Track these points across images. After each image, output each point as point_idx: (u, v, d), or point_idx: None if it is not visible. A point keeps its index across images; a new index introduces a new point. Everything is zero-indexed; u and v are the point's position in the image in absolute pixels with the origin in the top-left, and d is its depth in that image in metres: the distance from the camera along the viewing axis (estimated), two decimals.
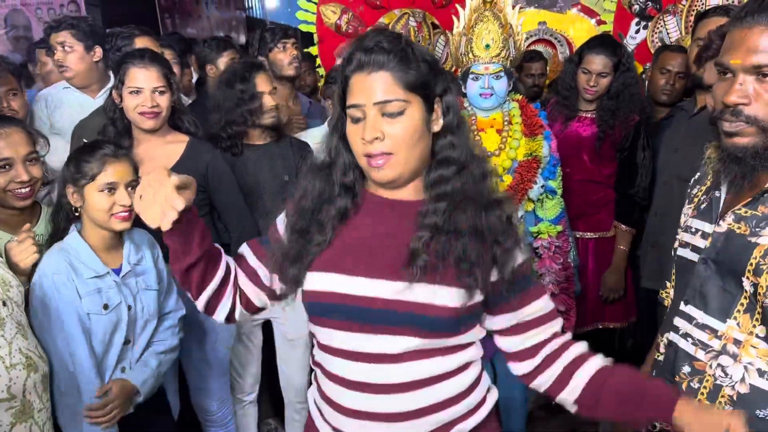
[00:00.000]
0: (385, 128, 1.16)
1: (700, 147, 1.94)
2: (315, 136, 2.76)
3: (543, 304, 1.29)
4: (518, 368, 1.32)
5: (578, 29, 4.06)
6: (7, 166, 1.80)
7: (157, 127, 2.23)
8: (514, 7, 2.38)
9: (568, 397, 1.27)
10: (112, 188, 1.81)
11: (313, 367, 1.36)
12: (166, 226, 1.17)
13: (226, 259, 1.34)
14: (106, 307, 1.80)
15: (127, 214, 1.82)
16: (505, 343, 1.32)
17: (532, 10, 4.17)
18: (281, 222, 1.33)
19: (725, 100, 1.20)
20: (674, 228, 2.05)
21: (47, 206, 2.04)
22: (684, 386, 1.33)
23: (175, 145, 2.29)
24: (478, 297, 1.20)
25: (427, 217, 1.19)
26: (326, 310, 1.23)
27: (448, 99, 1.24)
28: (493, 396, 1.34)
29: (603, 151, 2.84)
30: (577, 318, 2.92)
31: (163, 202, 1.15)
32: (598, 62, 2.78)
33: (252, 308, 1.39)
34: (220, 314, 1.36)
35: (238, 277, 1.36)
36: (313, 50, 4.42)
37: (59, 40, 2.75)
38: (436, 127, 1.23)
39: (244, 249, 1.38)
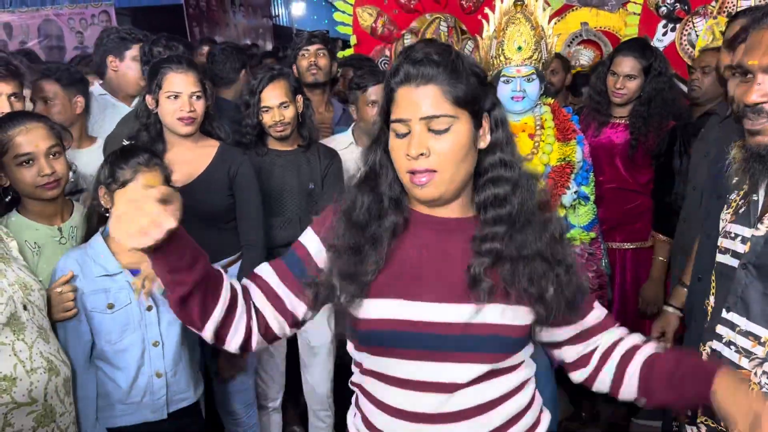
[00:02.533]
0: (432, 144, 1.12)
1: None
2: (340, 142, 2.75)
3: (600, 311, 1.27)
4: (579, 375, 1.31)
5: (630, 26, 3.94)
6: (30, 161, 1.82)
7: (192, 132, 2.24)
8: (545, 11, 2.34)
9: (629, 395, 1.25)
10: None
11: (354, 388, 1.31)
12: (145, 244, 0.99)
13: (229, 281, 1.19)
14: (111, 306, 1.81)
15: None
16: (566, 354, 1.29)
17: (584, 10, 4.09)
18: (313, 241, 1.24)
19: (746, 100, 1.23)
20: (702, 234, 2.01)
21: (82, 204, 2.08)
22: None
23: (206, 150, 2.30)
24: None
25: (486, 243, 1.14)
26: (392, 339, 1.16)
27: (497, 113, 1.19)
28: (547, 418, 1.31)
29: (637, 158, 2.77)
30: None
31: (146, 219, 0.97)
32: (625, 64, 2.73)
33: (270, 335, 1.24)
34: (233, 343, 1.20)
35: (255, 299, 1.22)
36: (348, 53, 4.41)
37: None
38: (483, 144, 1.18)
39: (265, 270, 1.25)
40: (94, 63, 3.05)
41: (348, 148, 2.69)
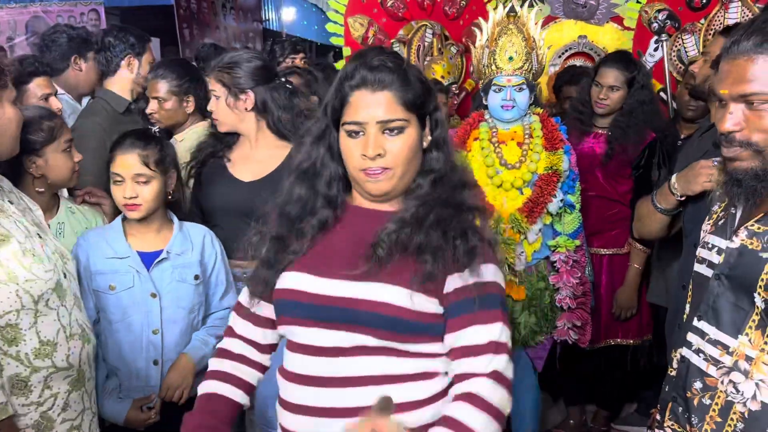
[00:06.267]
0: (386, 145, 1.21)
1: None
2: None
3: (486, 332, 1.21)
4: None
5: (615, 41, 4.00)
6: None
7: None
8: (537, 23, 2.40)
9: None
10: (120, 180, 1.85)
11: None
12: None
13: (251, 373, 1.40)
14: (112, 288, 1.84)
15: (133, 205, 1.83)
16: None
17: (569, 22, 4.14)
18: None
19: (719, 128, 1.26)
20: (679, 244, 2.06)
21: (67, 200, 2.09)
22: (695, 402, 1.32)
23: (279, 151, 2.22)
24: (436, 308, 1.21)
25: (395, 215, 1.24)
26: (287, 306, 1.27)
27: (437, 115, 1.29)
28: None
29: (614, 167, 2.83)
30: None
31: None
32: (609, 75, 2.79)
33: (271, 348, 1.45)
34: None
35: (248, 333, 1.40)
36: (340, 65, 4.43)
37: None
38: (425, 143, 1.27)
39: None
40: (49, 60, 2.89)
41: None
